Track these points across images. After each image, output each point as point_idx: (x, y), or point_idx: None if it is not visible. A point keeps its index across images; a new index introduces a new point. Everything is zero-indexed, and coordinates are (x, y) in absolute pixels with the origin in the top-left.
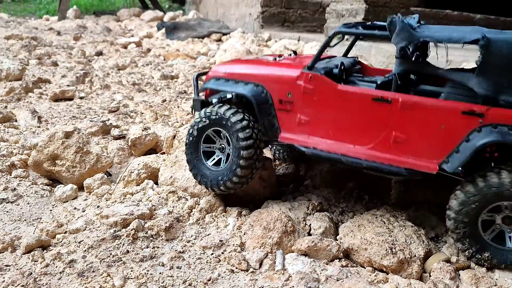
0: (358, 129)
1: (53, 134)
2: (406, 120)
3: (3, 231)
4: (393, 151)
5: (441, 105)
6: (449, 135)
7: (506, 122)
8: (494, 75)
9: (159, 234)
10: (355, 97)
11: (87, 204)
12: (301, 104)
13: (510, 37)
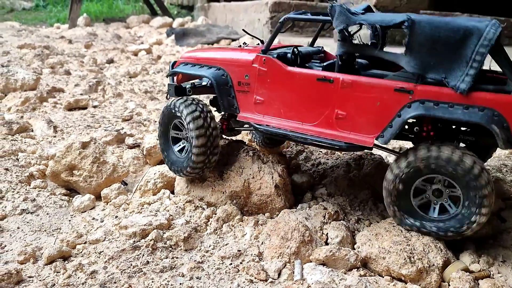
0: (305, 108)
1: (70, 144)
2: (346, 98)
3: (24, 242)
4: (336, 127)
5: (376, 83)
6: (384, 111)
7: (432, 97)
8: (420, 54)
9: (178, 244)
10: (302, 78)
11: (105, 214)
12: (256, 86)
13: (433, 18)
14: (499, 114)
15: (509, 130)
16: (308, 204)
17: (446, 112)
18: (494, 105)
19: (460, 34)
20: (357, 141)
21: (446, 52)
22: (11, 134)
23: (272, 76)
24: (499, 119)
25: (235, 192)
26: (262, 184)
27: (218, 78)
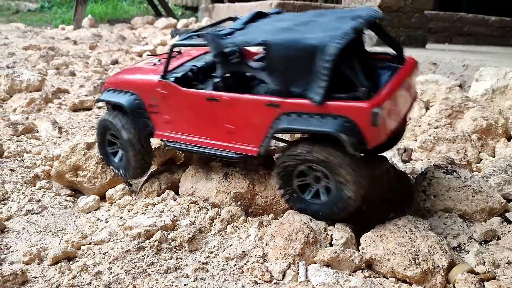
0: (202, 124)
1: (75, 145)
2: (231, 114)
3: (29, 243)
4: (227, 140)
5: (251, 99)
6: (261, 124)
7: (296, 109)
8: (279, 72)
9: (182, 245)
10: (195, 98)
11: (109, 215)
12: (163, 107)
13: (286, 38)
14: (350, 120)
15: (360, 133)
16: None
17: (305, 124)
18: (346, 112)
19: (308, 51)
20: (245, 151)
21: (300, 68)
22: (17, 135)
23: (172, 98)
24: (350, 125)
25: (240, 194)
26: (267, 186)
27: (132, 104)
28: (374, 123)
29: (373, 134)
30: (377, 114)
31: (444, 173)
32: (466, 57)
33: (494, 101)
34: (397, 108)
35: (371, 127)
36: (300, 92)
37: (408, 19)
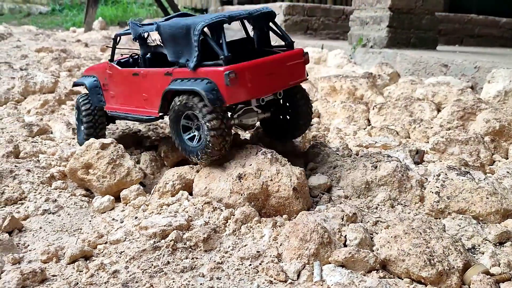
0: (130, 95)
1: (90, 144)
2: (145, 85)
3: (47, 242)
4: (143, 106)
5: (155, 71)
6: (161, 90)
7: (181, 76)
8: (170, 47)
9: (198, 245)
10: (126, 74)
11: (124, 215)
12: (110, 84)
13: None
14: (211, 81)
15: (218, 91)
16: (325, 206)
17: (184, 85)
18: (208, 75)
19: (184, 30)
20: (152, 114)
21: (182, 43)
22: (32, 136)
23: (115, 76)
24: (210, 85)
25: (253, 194)
26: (281, 187)
27: (92, 84)
28: (226, 83)
29: (228, 93)
30: (227, 76)
31: (457, 175)
32: (478, 58)
33: (507, 102)
34: (260, 79)
35: (225, 87)
36: (184, 62)
37: (419, 21)
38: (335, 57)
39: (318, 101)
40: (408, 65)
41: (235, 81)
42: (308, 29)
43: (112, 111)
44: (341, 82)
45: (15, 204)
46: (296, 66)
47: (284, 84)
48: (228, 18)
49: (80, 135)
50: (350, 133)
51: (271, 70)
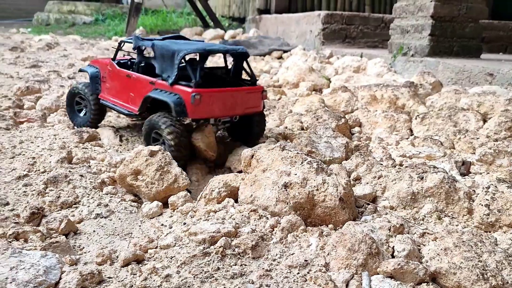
0: (120, 91)
1: (139, 151)
2: (134, 86)
3: (100, 245)
4: (128, 102)
5: (143, 78)
6: (144, 94)
7: (161, 87)
8: (159, 63)
9: (246, 252)
10: (122, 74)
11: (173, 221)
12: (108, 78)
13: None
14: (181, 97)
15: (184, 106)
16: (371, 217)
17: (160, 95)
18: (180, 92)
19: (171, 53)
20: (132, 110)
21: (167, 62)
22: (82, 142)
23: (112, 73)
24: (179, 100)
25: (299, 204)
26: (327, 197)
27: (93, 73)
28: (192, 102)
29: (192, 110)
30: (193, 97)
31: (508, 188)
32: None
33: None
34: (220, 105)
35: (190, 104)
36: (166, 77)
37: (462, 29)
38: (374, 65)
39: (359, 110)
40: (451, 74)
41: (199, 102)
42: (346, 37)
43: (104, 99)
44: (382, 91)
45: (70, 207)
46: (253, 99)
47: (240, 111)
48: (207, 52)
49: (77, 119)
50: (393, 143)
51: (230, 99)
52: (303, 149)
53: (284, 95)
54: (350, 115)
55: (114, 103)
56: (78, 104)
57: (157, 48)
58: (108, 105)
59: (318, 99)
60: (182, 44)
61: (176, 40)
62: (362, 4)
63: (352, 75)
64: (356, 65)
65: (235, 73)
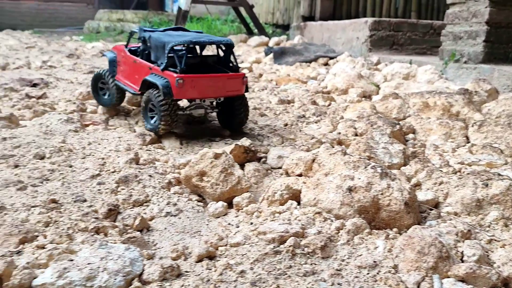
0: (129, 73)
1: (204, 153)
2: (138, 70)
3: (172, 241)
4: (134, 83)
5: (145, 64)
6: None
7: (155, 72)
8: (153, 52)
9: (315, 252)
10: (130, 59)
11: (239, 221)
12: (121, 62)
13: (157, 34)
14: (167, 81)
15: (171, 88)
16: (436, 222)
17: (153, 79)
18: (168, 77)
19: (162, 44)
20: (135, 90)
21: (160, 51)
22: (145, 144)
23: (125, 58)
24: (166, 83)
25: (364, 207)
26: (391, 201)
27: (112, 57)
28: (176, 85)
29: (176, 91)
30: (177, 81)
31: None
32: None
33: None
34: (202, 87)
35: (175, 87)
36: (159, 64)
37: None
38: (425, 72)
39: (411, 117)
40: (507, 81)
41: (182, 85)
42: (393, 44)
43: (118, 80)
44: (435, 98)
45: (141, 206)
46: (234, 83)
47: (221, 94)
48: (193, 43)
49: (102, 101)
50: (449, 150)
51: (212, 82)
52: (362, 154)
53: (334, 101)
54: (403, 122)
55: (124, 83)
56: (102, 90)
57: (152, 40)
58: (120, 85)
59: (369, 106)
60: (174, 37)
61: (171, 32)
62: (408, 10)
63: (401, 82)
64: (406, 72)
65: (225, 61)
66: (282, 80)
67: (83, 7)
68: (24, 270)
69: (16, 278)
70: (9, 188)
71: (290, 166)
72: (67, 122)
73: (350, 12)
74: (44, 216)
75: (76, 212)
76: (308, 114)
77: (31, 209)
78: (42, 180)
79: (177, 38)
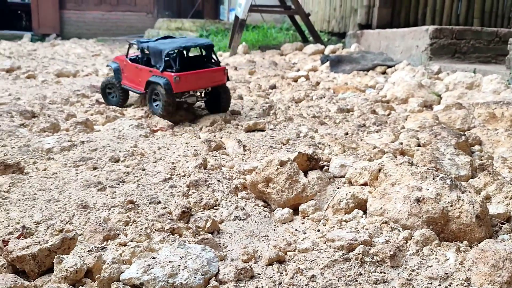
0: (133, 78)
1: (270, 160)
2: (140, 74)
3: (241, 244)
4: (138, 85)
5: (146, 69)
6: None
7: (155, 73)
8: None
9: (384, 260)
10: (133, 66)
11: (306, 227)
12: (124, 70)
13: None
14: (167, 79)
15: (170, 84)
16: (509, 236)
17: (155, 79)
18: (166, 76)
19: (159, 51)
20: (141, 90)
21: (158, 57)
22: (210, 150)
23: (127, 66)
24: (166, 81)
25: (432, 218)
26: (462, 213)
27: (116, 67)
28: (174, 81)
29: (175, 86)
30: (175, 78)
31: None
32: None
33: None
34: (194, 81)
35: (174, 83)
36: (158, 67)
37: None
38: (490, 82)
39: (477, 128)
40: None
41: (179, 81)
42: (455, 52)
43: (124, 84)
44: (503, 109)
45: (211, 209)
46: (217, 75)
47: (209, 84)
48: (183, 48)
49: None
50: None
51: (201, 76)
52: (427, 165)
53: (393, 111)
54: (467, 133)
55: (130, 86)
56: (109, 93)
57: (150, 48)
58: (128, 88)
59: (431, 116)
60: (167, 44)
61: (163, 41)
62: (471, 17)
63: (465, 92)
64: (469, 81)
65: (207, 59)
66: (340, 88)
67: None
68: (113, 264)
69: (106, 271)
70: (90, 188)
71: (353, 175)
72: (138, 128)
73: (408, 20)
74: (123, 216)
75: (152, 213)
76: (368, 123)
77: (111, 208)
78: (118, 182)
79: (169, 45)
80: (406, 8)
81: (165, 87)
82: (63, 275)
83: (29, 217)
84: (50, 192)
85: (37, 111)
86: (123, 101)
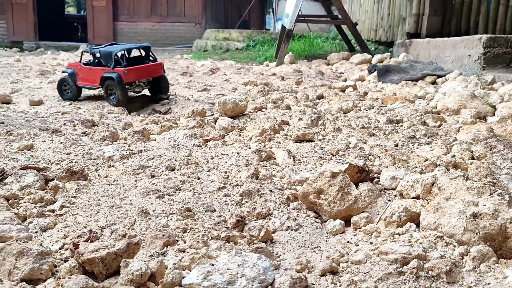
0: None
1: (322, 172)
2: (94, 73)
3: (294, 254)
4: (92, 83)
5: (99, 68)
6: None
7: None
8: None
9: (440, 276)
10: (86, 68)
11: (358, 239)
12: (79, 72)
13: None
14: (118, 73)
15: (121, 78)
16: None
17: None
18: (117, 71)
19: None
20: (96, 86)
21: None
22: (261, 160)
23: (81, 69)
24: (118, 75)
25: (490, 235)
26: None
27: (71, 72)
28: (123, 74)
29: (125, 78)
30: (124, 72)
31: None
32: None
33: None
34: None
35: (123, 75)
36: (109, 65)
37: None
38: None
39: None
40: None
41: (127, 74)
42: (511, 62)
43: (80, 84)
44: None
45: (264, 218)
46: (156, 69)
47: (150, 75)
48: (126, 49)
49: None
50: None
51: (143, 70)
52: (483, 179)
53: (445, 122)
54: None
55: (86, 84)
56: (65, 90)
57: (101, 52)
58: (84, 87)
59: (486, 128)
60: (115, 47)
61: (110, 46)
62: None
63: None
64: None
65: (147, 57)
66: (389, 99)
67: (192, 27)
68: (175, 270)
69: (168, 276)
70: (149, 195)
71: (405, 187)
72: (191, 137)
73: (459, 28)
74: (181, 223)
75: (208, 220)
76: (418, 135)
77: (170, 215)
78: (175, 190)
79: (117, 48)
80: (457, 17)
81: (117, 80)
82: (129, 278)
83: (95, 222)
84: (113, 199)
85: (96, 120)
86: (76, 96)
